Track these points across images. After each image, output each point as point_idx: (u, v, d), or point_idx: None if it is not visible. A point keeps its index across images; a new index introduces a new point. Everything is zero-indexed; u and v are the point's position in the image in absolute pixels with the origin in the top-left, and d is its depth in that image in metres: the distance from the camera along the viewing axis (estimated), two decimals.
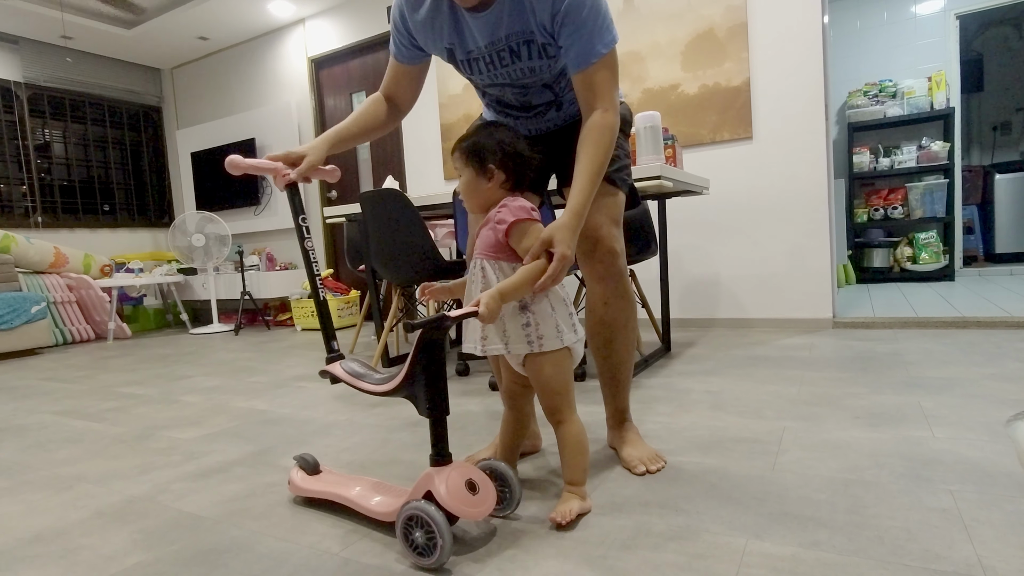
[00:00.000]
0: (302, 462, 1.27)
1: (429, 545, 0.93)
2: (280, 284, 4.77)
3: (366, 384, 1.10)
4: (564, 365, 1.10)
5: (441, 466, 0.99)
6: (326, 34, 4.63)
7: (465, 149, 1.13)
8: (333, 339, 1.22)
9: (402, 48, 1.31)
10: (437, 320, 0.94)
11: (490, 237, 1.10)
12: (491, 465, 1.12)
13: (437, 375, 0.98)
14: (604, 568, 0.91)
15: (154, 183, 5.86)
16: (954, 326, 2.75)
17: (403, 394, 1.03)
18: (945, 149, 4.44)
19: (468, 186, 1.14)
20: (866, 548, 0.92)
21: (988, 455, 1.25)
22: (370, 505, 1.09)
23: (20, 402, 2.45)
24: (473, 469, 1.02)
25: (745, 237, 3.18)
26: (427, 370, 0.98)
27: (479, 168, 1.11)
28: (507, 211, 1.08)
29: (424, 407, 0.99)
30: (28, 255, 4.30)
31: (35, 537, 1.15)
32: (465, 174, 1.13)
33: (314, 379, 2.53)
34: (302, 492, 1.22)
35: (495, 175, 1.11)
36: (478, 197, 1.13)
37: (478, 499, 0.98)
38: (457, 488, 0.96)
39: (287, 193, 1.23)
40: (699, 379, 2.09)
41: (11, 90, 4.85)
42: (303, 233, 1.21)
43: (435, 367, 0.98)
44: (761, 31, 3.04)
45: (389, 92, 1.37)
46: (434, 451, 1.00)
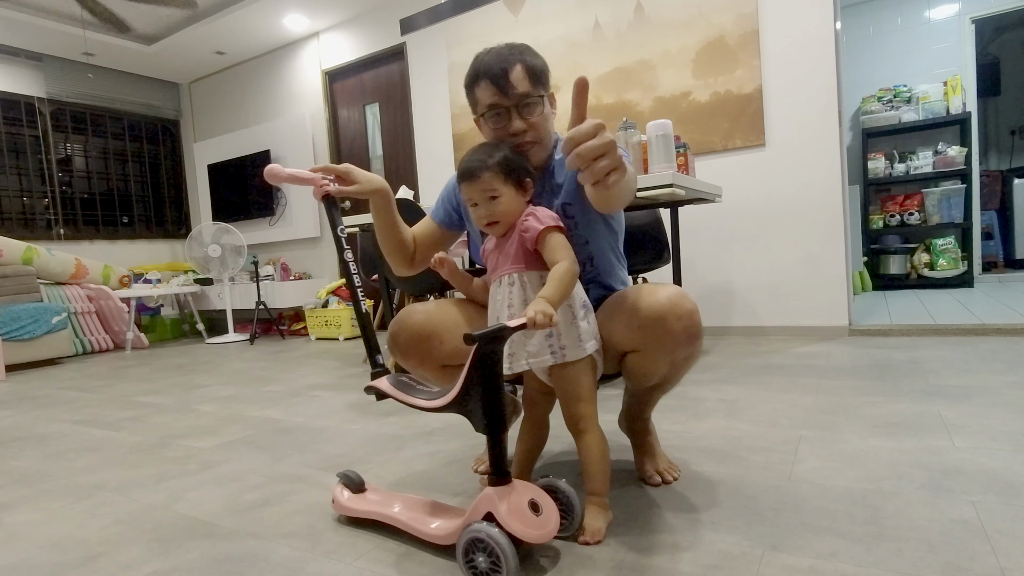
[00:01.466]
0: (346, 480, 1.21)
1: (493, 571, 0.88)
2: (294, 294, 4.81)
3: (416, 399, 1.04)
4: (589, 373, 1.10)
5: (500, 485, 0.93)
6: (340, 47, 4.70)
7: (502, 166, 1.09)
8: (377, 352, 1.17)
9: (441, 208, 1.35)
10: (498, 331, 0.89)
11: (517, 249, 1.09)
12: (550, 483, 1.06)
13: (494, 389, 0.93)
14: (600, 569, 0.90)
15: (171, 195, 5.95)
16: (974, 333, 2.70)
17: (457, 410, 0.97)
18: (962, 154, 4.38)
19: (508, 203, 1.10)
20: (885, 560, 0.90)
21: (1010, 465, 1.22)
22: (426, 528, 1.03)
23: (41, 411, 2.49)
24: (534, 488, 0.97)
25: (759, 244, 3.16)
26: (483, 384, 0.93)
27: (518, 182, 1.10)
28: (535, 219, 1.07)
29: (480, 423, 0.94)
30: (50, 266, 4.38)
31: (55, 545, 1.17)
32: (505, 193, 1.10)
33: (328, 388, 2.55)
34: (348, 512, 1.16)
35: (530, 185, 1.13)
36: (514, 212, 1.11)
37: (541, 521, 0.92)
38: (520, 509, 0.90)
39: (324, 204, 1.22)
40: (714, 387, 2.07)
41: (35, 106, 4.96)
42: (342, 244, 1.19)
43: (492, 381, 0.93)
44: (773, 38, 3.03)
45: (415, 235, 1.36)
46: (492, 469, 0.95)
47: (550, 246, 1.06)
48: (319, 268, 5.08)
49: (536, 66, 1.16)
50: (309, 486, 1.40)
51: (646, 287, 1.12)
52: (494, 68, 1.14)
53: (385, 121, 4.66)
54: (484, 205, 1.11)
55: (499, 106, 1.15)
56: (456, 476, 1.40)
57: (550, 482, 1.06)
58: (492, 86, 1.14)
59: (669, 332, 1.06)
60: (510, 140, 1.16)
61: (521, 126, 1.15)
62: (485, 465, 1.40)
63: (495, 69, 1.13)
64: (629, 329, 1.10)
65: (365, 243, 3.26)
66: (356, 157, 4.81)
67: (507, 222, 1.12)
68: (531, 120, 1.16)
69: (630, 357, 1.14)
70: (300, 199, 5.01)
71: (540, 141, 1.19)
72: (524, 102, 1.14)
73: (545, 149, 1.21)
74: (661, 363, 1.11)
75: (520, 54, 1.15)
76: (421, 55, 4.26)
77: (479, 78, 1.16)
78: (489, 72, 1.14)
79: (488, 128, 1.19)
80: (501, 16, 3.84)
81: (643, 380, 1.18)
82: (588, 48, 3.52)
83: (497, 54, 1.15)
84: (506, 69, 1.13)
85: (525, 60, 1.15)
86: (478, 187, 1.10)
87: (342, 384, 2.63)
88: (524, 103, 1.15)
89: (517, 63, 1.14)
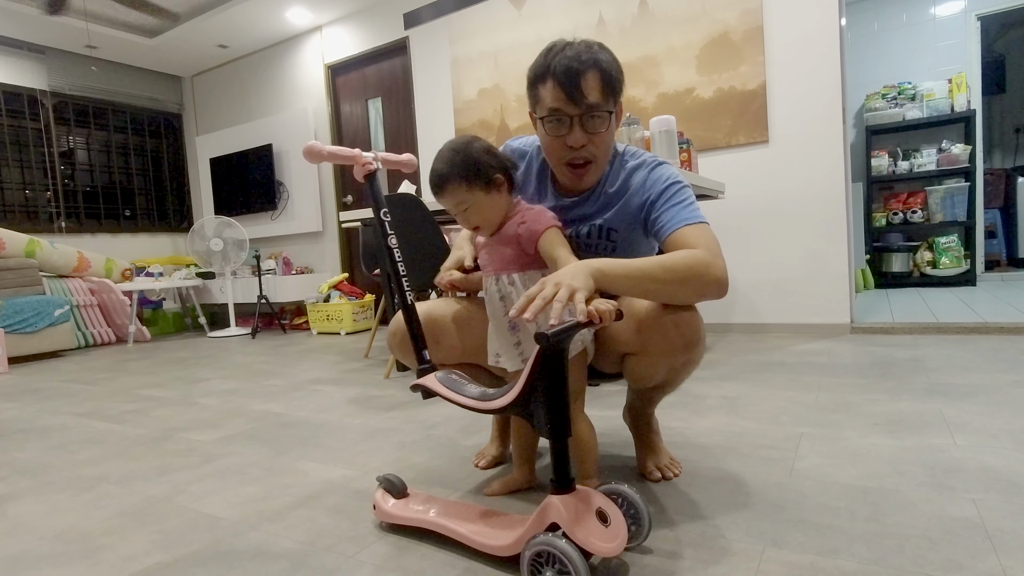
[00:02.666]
0: (387, 484, 1.13)
1: None
2: (296, 288, 4.82)
3: (469, 400, 0.98)
4: (580, 367, 1.10)
5: (564, 493, 0.87)
6: (342, 41, 4.69)
7: (463, 174, 1.03)
8: (424, 348, 1.10)
9: None
10: (571, 327, 0.81)
11: (513, 250, 1.07)
12: (614, 489, 0.97)
13: (560, 390, 0.86)
14: (621, 573, 0.91)
15: (174, 188, 5.95)
16: (976, 332, 2.70)
17: (518, 411, 0.91)
18: (966, 152, 4.37)
19: (484, 209, 1.06)
20: (886, 557, 0.90)
21: (1012, 463, 1.22)
22: (484, 540, 0.95)
23: (43, 403, 2.50)
24: (600, 496, 0.91)
25: (761, 241, 3.15)
26: (548, 384, 0.85)
27: (487, 184, 1.05)
28: (533, 221, 1.05)
29: (544, 426, 0.87)
30: (52, 259, 4.39)
31: (58, 536, 1.17)
32: (475, 199, 1.05)
33: (329, 382, 2.55)
34: (392, 519, 1.09)
35: (501, 182, 1.06)
36: (494, 214, 1.07)
37: (611, 532, 0.85)
38: (588, 519, 0.84)
39: (367, 184, 1.15)
40: (715, 384, 2.07)
41: (37, 98, 4.96)
42: (386, 229, 1.11)
43: (558, 381, 0.86)
44: (777, 34, 3.02)
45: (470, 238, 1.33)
46: (556, 476, 0.88)
47: (549, 244, 1.04)
48: (321, 262, 5.08)
49: (612, 75, 1.05)
50: (311, 480, 1.40)
51: None
52: (567, 69, 1.02)
53: (387, 116, 4.66)
54: (459, 216, 1.08)
55: (563, 113, 1.05)
56: (458, 471, 1.40)
57: (613, 488, 0.98)
58: (560, 89, 1.03)
59: (667, 338, 1.05)
60: (566, 153, 1.09)
61: (582, 140, 1.06)
62: (486, 461, 1.40)
63: (568, 71, 1.02)
64: (628, 332, 1.09)
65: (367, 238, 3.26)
66: None
67: (490, 223, 1.08)
68: (594, 135, 1.07)
69: (629, 359, 1.14)
70: (302, 193, 5.01)
71: (597, 160, 1.11)
72: (591, 114, 1.05)
73: (600, 169, 1.14)
74: (659, 367, 1.10)
75: (597, 58, 1.04)
76: (424, 49, 4.25)
77: (547, 76, 1.05)
78: (560, 73, 1.03)
79: (545, 133, 1.09)
80: (504, 11, 3.83)
81: (642, 382, 1.17)
82: None
83: (574, 54, 1.03)
84: (580, 73, 1.02)
85: (602, 66, 1.04)
86: (447, 200, 1.07)
87: (344, 378, 2.64)
88: (591, 115, 1.05)
89: (593, 68, 1.03)
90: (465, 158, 1.04)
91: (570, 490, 0.87)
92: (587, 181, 1.14)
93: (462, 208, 1.06)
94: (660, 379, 1.15)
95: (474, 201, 1.05)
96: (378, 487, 1.15)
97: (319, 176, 4.94)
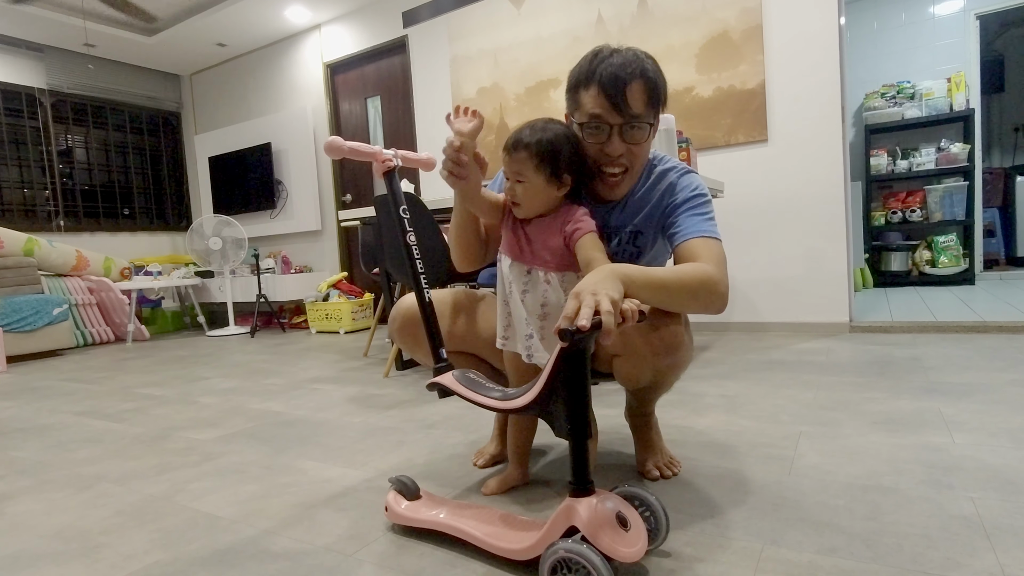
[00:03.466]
0: (400, 486, 1.11)
1: None
2: (295, 287, 4.82)
3: (487, 399, 0.96)
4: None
5: (584, 496, 0.85)
6: (342, 40, 4.68)
7: (538, 151, 1.02)
8: (441, 347, 1.09)
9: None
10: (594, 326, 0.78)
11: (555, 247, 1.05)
12: (630, 492, 0.95)
13: (581, 390, 0.84)
14: (620, 572, 0.91)
15: (172, 187, 5.95)
16: (975, 331, 2.70)
17: (537, 411, 0.90)
18: (965, 151, 4.37)
19: (535, 193, 1.05)
20: (885, 555, 0.90)
21: (1010, 462, 1.22)
22: (501, 543, 0.93)
23: (42, 402, 2.50)
24: (619, 499, 0.89)
25: (760, 240, 3.15)
26: (569, 384, 0.84)
27: (551, 174, 1.03)
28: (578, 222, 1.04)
29: (563, 427, 0.85)
30: (51, 258, 4.39)
31: (56, 535, 1.17)
32: (534, 179, 1.04)
33: (329, 381, 2.55)
34: (405, 522, 1.07)
35: (567, 182, 1.05)
36: (541, 204, 1.06)
37: (631, 537, 0.84)
38: (608, 524, 0.83)
39: (386, 181, 1.15)
40: (714, 383, 2.07)
41: (35, 97, 4.95)
42: (405, 226, 1.10)
43: (579, 381, 0.84)
44: (776, 33, 3.02)
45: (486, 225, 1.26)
46: (575, 478, 0.86)
47: (589, 245, 1.03)
48: (320, 261, 5.08)
49: (657, 86, 1.05)
50: (310, 478, 1.40)
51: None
52: (613, 77, 1.02)
53: (387, 114, 4.65)
54: (512, 183, 1.07)
55: (603, 121, 1.04)
56: (457, 469, 1.40)
57: (629, 490, 0.95)
58: (604, 97, 1.03)
59: (647, 341, 1.06)
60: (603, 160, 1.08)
61: (620, 149, 1.06)
62: (485, 459, 1.40)
63: (614, 79, 1.02)
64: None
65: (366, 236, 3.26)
66: None
67: (530, 208, 1.07)
68: (633, 146, 1.07)
69: (615, 360, 1.14)
70: (301, 192, 5.00)
71: (632, 169, 1.10)
72: (632, 124, 1.04)
73: (634, 179, 1.14)
74: (643, 369, 1.11)
75: (644, 68, 1.03)
76: (423, 48, 4.24)
77: (591, 82, 1.04)
78: (606, 80, 1.02)
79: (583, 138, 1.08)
80: (504, 9, 3.82)
81: (629, 383, 1.18)
82: (591, 42, 3.49)
83: (621, 62, 1.02)
84: (626, 82, 1.02)
85: (648, 76, 1.04)
86: (511, 163, 1.06)
87: (343, 377, 2.64)
88: (632, 125, 1.04)
89: (639, 79, 1.03)
90: (553, 140, 1.03)
91: (589, 493, 0.86)
92: (620, 191, 1.14)
93: (517, 178, 1.05)
94: (647, 381, 1.15)
95: (533, 180, 1.04)
96: (391, 488, 1.13)
97: (318, 175, 4.93)
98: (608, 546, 0.81)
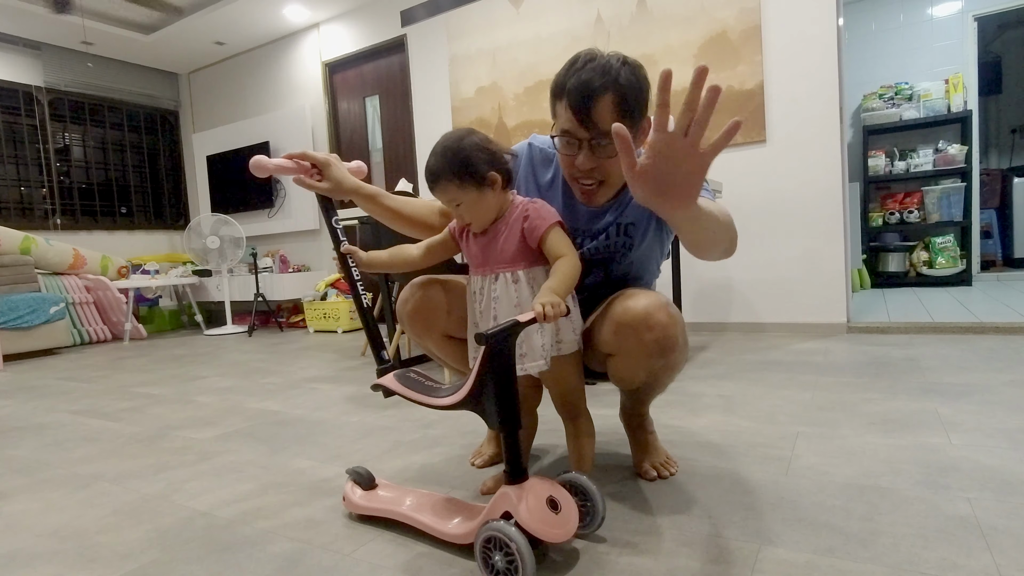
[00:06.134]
0: (356, 476, 1.17)
1: (510, 569, 0.86)
2: (293, 286, 4.81)
3: (425, 397, 1.01)
4: (575, 365, 1.11)
5: (517, 483, 0.91)
6: (340, 39, 4.67)
7: (455, 172, 1.01)
8: (383, 348, 1.13)
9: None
10: (511, 326, 0.87)
11: (516, 247, 1.05)
12: (570, 479, 1.01)
13: (507, 386, 0.90)
14: (616, 571, 0.91)
15: (170, 186, 5.93)
16: (972, 331, 2.71)
17: (470, 407, 0.95)
18: (962, 152, 4.38)
19: (475, 207, 1.04)
20: (881, 555, 0.90)
21: (1007, 463, 1.23)
22: (443, 528, 1.00)
23: (39, 401, 2.49)
24: (553, 485, 0.94)
25: (758, 241, 3.16)
26: (496, 381, 0.90)
27: (479, 183, 1.02)
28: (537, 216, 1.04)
29: (495, 420, 0.91)
30: (47, 256, 4.37)
31: (53, 534, 1.17)
32: (467, 197, 1.03)
33: (326, 380, 2.55)
34: (360, 510, 1.13)
35: (495, 179, 1.04)
36: (487, 212, 1.06)
37: (561, 519, 0.90)
38: (538, 507, 0.89)
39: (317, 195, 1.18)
40: (711, 383, 2.08)
41: (33, 95, 4.94)
42: (338, 236, 1.14)
43: (505, 377, 0.90)
44: (775, 34, 3.02)
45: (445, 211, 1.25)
46: (508, 467, 0.92)
47: (554, 241, 1.03)
48: (318, 260, 5.08)
49: (629, 99, 1.01)
50: (307, 478, 1.40)
51: (629, 292, 1.10)
52: (579, 91, 0.99)
53: (385, 114, 4.65)
54: (453, 211, 1.07)
55: (572, 135, 1.04)
56: (454, 469, 1.40)
57: (569, 478, 1.01)
58: (571, 112, 1.01)
59: (641, 342, 1.05)
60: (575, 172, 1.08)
61: (589, 164, 1.04)
62: (482, 459, 1.40)
63: (579, 93, 0.99)
64: (608, 333, 1.09)
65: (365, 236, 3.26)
66: (356, 149, 4.80)
67: (482, 221, 1.07)
68: (602, 161, 1.05)
69: (610, 360, 1.14)
70: (299, 191, 4.99)
71: (608, 182, 1.09)
72: (600, 142, 1.02)
73: (612, 189, 1.12)
74: (637, 370, 1.11)
75: (616, 79, 1.00)
76: (422, 47, 4.24)
77: (562, 95, 1.03)
78: (574, 95, 1.00)
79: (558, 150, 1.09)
80: (503, 9, 3.82)
81: (624, 384, 1.18)
82: (590, 42, 3.51)
83: (589, 76, 0.99)
84: (593, 97, 0.99)
85: (620, 89, 1.00)
86: (440, 196, 1.06)
87: (340, 376, 2.63)
88: (599, 142, 1.03)
89: (609, 92, 0.99)
90: (456, 154, 1.01)
91: (522, 480, 0.92)
92: (596, 200, 1.13)
93: (454, 204, 1.06)
94: (641, 381, 1.15)
95: (466, 198, 1.04)
96: (347, 479, 1.19)
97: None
98: (536, 527, 0.87)
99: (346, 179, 1.16)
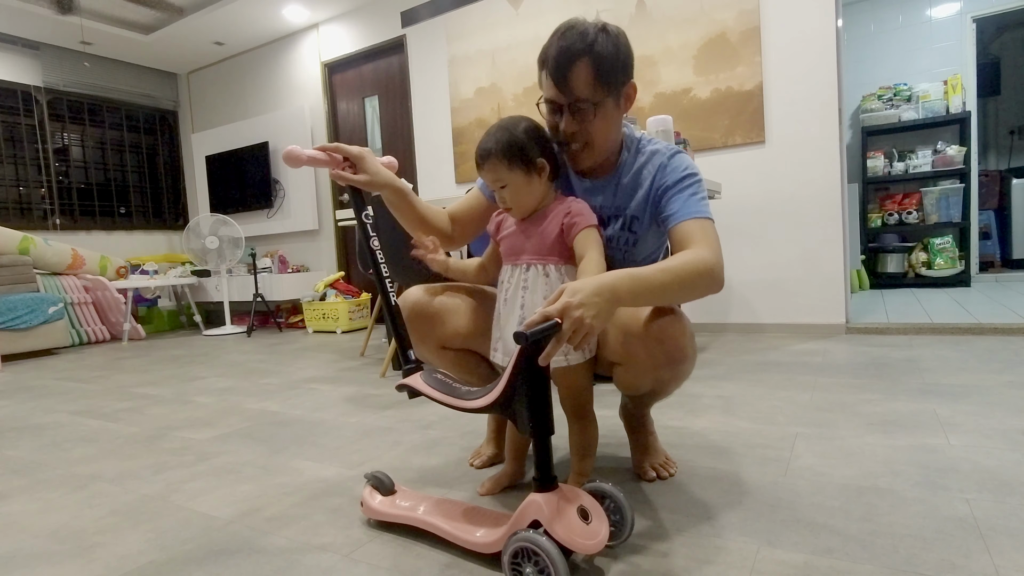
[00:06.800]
0: (375, 481, 1.14)
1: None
2: (292, 286, 4.81)
3: (452, 399, 0.99)
4: (588, 370, 1.12)
5: (547, 491, 0.88)
6: (339, 39, 4.67)
7: (505, 152, 1.04)
8: (409, 348, 1.10)
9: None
10: (550, 327, 0.82)
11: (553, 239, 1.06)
12: (598, 487, 0.98)
13: (541, 389, 0.87)
14: (615, 572, 0.91)
15: (169, 186, 5.93)
16: (970, 332, 2.71)
17: (500, 410, 0.92)
18: (961, 153, 4.39)
19: (520, 190, 1.06)
20: (880, 556, 0.91)
21: (1005, 464, 1.23)
22: (468, 537, 0.96)
23: (37, 401, 2.49)
24: (583, 494, 0.91)
25: (757, 242, 3.16)
26: (530, 383, 0.86)
27: (527, 167, 1.05)
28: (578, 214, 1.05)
29: (526, 425, 0.88)
30: (46, 256, 4.37)
31: (51, 534, 1.17)
32: (513, 179, 1.05)
33: (325, 381, 2.55)
34: (379, 516, 1.10)
35: (544, 166, 1.06)
36: (530, 198, 1.08)
37: (592, 529, 0.86)
38: (569, 517, 0.85)
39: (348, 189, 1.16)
40: (710, 384, 2.08)
41: (31, 95, 4.93)
42: (368, 231, 1.11)
43: (539, 380, 0.87)
44: (774, 35, 3.02)
45: (454, 214, 1.27)
46: (538, 474, 0.89)
47: (587, 241, 1.04)
48: (317, 261, 5.07)
49: (605, 64, 1.04)
50: (306, 479, 1.40)
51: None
52: (558, 59, 1.04)
53: (384, 114, 4.65)
54: (497, 192, 1.09)
55: (554, 101, 1.09)
56: (454, 470, 1.40)
57: (597, 486, 0.98)
58: (551, 80, 1.06)
59: (651, 354, 1.06)
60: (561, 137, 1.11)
61: (572, 127, 1.08)
62: (481, 460, 1.40)
63: (557, 60, 1.04)
64: (617, 342, 1.09)
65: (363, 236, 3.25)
66: None
67: (523, 207, 1.09)
68: (583, 125, 1.08)
69: (616, 368, 1.14)
70: (298, 191, 4.99)
71: (592, 145, 1.11)
72: (578, 106, 1.06)
73: (599, 154, 1.14)
74: (644, 379, 1.11)
75: (592, 46, 1.03)
76: (421, 48, 4.24)
77: (545, 64, 1.08)
78: (551, 62, 1.05)
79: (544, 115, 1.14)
80: (502, 9, 3.82)
81: (629, 391, 1.19)
82: None
83: (567, 45, 1.04)
84: (569, 64, 1.04)
85: (596, 55, 1.03)
86: (487, 174, 1.08)
87: (339, 377, 2.63)
88: (578, 107, 1.06)
89: (585, 59, 1.03)
90: (511, 137, 1.05)
91: (552, 488, 0.88)
92: (583, 164, 1.15)
93: (499, 185, 1.07)
94: (647, 389, 1.16)
95: (512, 180, 1.06)
96: (366, 484, 1.16)
97: (315, 174, 4.92)
98: (566, 537, 0.83)
99: (381, 171, 1.15)
